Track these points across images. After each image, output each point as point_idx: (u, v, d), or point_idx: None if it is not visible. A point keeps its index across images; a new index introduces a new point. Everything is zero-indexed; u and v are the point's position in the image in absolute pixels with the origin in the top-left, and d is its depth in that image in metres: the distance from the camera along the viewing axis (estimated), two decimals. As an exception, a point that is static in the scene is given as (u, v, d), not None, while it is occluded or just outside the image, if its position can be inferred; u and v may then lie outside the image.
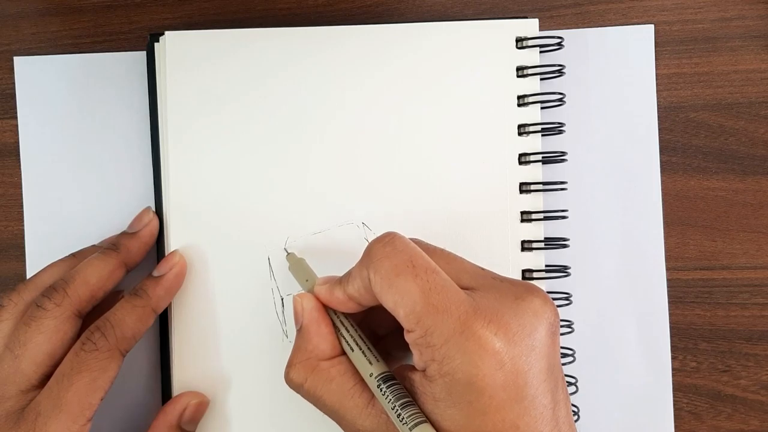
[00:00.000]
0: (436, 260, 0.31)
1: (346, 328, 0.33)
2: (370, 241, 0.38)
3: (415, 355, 0.30)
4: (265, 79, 0.39)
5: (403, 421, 0.29)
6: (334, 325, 0.33)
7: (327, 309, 0.33)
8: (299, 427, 0.38)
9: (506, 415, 0.27)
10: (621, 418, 0.40)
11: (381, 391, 0.30)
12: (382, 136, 0.39)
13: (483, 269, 0.32)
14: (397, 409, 0.29)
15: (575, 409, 0.39)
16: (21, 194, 0.41)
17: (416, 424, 0.28)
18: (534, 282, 0.38)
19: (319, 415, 0.38)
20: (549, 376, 0.29)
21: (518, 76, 0.39)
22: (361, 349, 0.32)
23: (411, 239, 0.32)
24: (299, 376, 0.32)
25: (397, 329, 0.33)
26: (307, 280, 0.35)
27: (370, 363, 0.31)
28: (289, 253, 0.37)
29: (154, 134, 0.39)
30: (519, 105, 0.39)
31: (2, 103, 0.41)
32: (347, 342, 0.32)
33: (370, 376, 0.31)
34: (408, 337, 0.29)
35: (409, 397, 0.30)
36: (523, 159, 0.39)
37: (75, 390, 0.32)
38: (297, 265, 0.36)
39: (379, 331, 0.35)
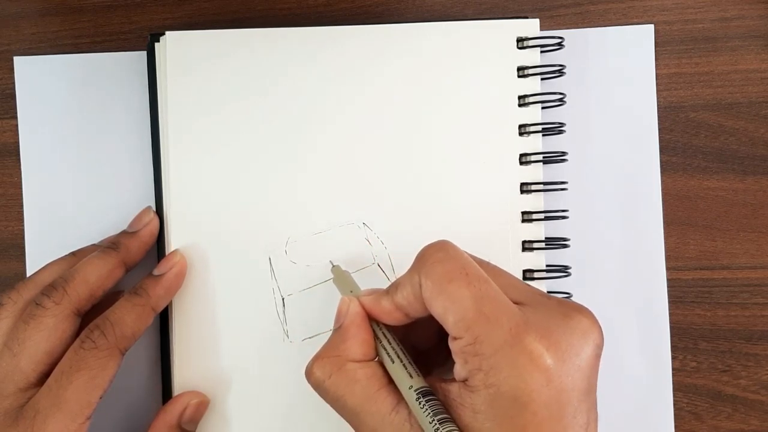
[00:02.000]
0: (485, 272, 0.30)
1: (388, 340, 0.32)
2: (370, 240, 0.38)
3: (458, 364, 0.29)
4: (266, 79, 0.39)
5: None
6: (375, 335, 0.32)
7: (369, 320, 0.33)
8: (299, 426, 0.38)
9: None
10: (621, 418, 0.40)
11: (420, 404, 0.29)
12: (383, 136, 0.39)
13: (530, 286, 0.32)
14: (435, 424, 0.28)
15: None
16: (21, 194, 0.41)
17: None
18: (535, 282, 0.39)
19: (319, 415, 0.38)
20: (587, 397, 0.29)
21: (519, 76, 0.39)
22: (402, 361, 0.31)
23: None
24: (323, 372, 0.31)
25: (437, 345, 0.32)
26: (351, 291, 0.34)
27: (411, 376, 0.30)
28: (334, 266, 0.37)
29: (154, 134, 0.39)
30: (520, 105, 0.39)
31: (2, 103, 0.41)
32: (388, 353, 0.32)
33: (410, 388, 0.30)
34: (454, 345, 0.29)
35: (447, 413, 0.29)
36: (524, 159, 0.39)
37: (74, 388, 0.32)
38: (341, 277, 0.36)
39: (419, 346, 0.35)
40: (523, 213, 0.39)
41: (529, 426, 0.27)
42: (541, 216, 0.39)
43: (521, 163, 0.39)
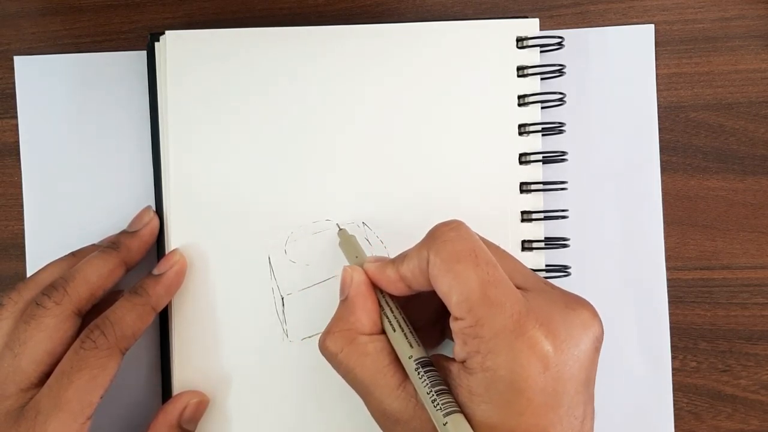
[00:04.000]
0: (493, 255, 0.30)
1: (391, 309, 0.32)
2: (369, 240, 0.38)
3: (458, 345, 0.29)
4: (265, 79, 0.39)
5: (438, 408, 0.28)
6: (378, 303, 0.33)
7: (373, 287, 0.33)
8: (299, 426, 0.38)
9: (540, 421, 0.27)
10: (621, 418, 0.40)
11: (418, 374, 0.30)
12: (383, 135, 0.39)
13: (535, 273, 0.32)
14: (433, 395, 0.29)
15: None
16: (21, 194, 0.41)
17: (450, 413, 0.28)
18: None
19: (319, 414, 0.38)
20: (585, 389, 0.29)
21: (519, 76, 0.39)
22: (403, 330, 0.31)
23: None
24: (336, 345, 0.32)
25: (434, 324, 0.32)
26: (356, 257, 0.35)
27: (411, 346, 0.31)
28: (341, 229, 0.37)
29: (154, 134, 0.39)
30: (519, 105, 0.39)
31: (2, 103, 0.41)
32: (390, 322, 0.32)
33: (409, 358, 0.30)
34: (455, 325, 0.29)
35: (445, 385, 0.29)
36: (524, 159, 0.39)
37: (75, 388, 0.32)
38: (347, 241, 0.36)
39: (416, 323, 0.34)
40: (523, 212, 0.39)
41: (525, 411, 0.27)
42: (541, 216, 0.39)
43: (521, 162, 0.39)
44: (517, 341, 0.28)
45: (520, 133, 0.39)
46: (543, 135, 0.39)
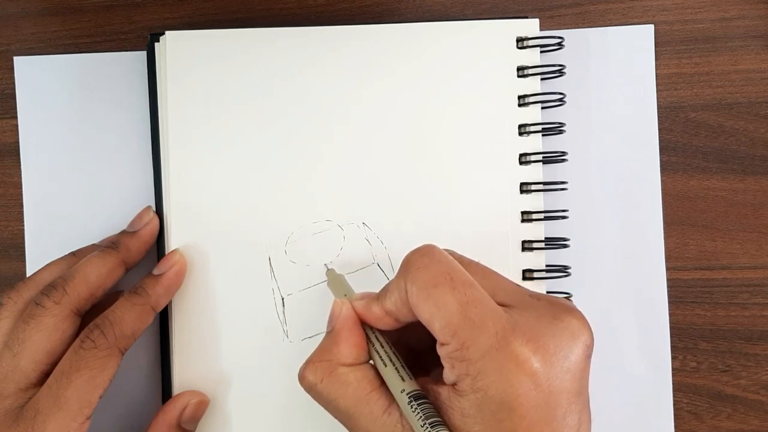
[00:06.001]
0: (472, 274, 0.30)
1: (381, 344, 0.32)
2: (369, 240, 0.38)
3: (447, 369, 0.29)
4: (265, 79, 0.39)
5: None
6: (368, 339, 0.32)
7: (363, 324, 0.33)
8: (299, 426, 0.38)
9: None
10: (621, 418, 0.40)
11: (412, 408, 0.29)
12: (382, 135, 0.39)
13: (519, 286, 0.32)
14: (427, 427, 0.28)
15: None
16: (21, 194, 0.41)
17: None
18: (534, 282, 0.39)
19: (319, 415, 0.38)
20: (578, 398, 0.29)
21: (519, 76, 0.39)
22: (394, 365, 0.31)
23: (446, 251, 0.31)
24: (315, 376, 0.31)
25: (434, 346, 0.32)
26: (345, 295, 0.34)
27: (402, 380, 0.30)
28: (329, 269, 0.37)
29: (154, 134, 0.39)
30: (520, 105, 0.39)
31: (2, 103, 0.41)
32: (380, 357, 0.32)
33: (402, 392, 0.30)
34: (441, 350, 0.29)
35: (439, 417, 0.29)
36: (524, 159, 0.39)
37: (74, 388, 0.32)
38: (336, 280, 0.36)
39: (416, 347, 0.35)
40: (523, 213, 0.39)
41: (518, 429, 0.27)
42: (541, 216, 0.39)
43: (521, 163, 0.39)
44: (505, 360, 0.28)
45: (521, 134, 0.39)
46: (543, 135, 0.39)
